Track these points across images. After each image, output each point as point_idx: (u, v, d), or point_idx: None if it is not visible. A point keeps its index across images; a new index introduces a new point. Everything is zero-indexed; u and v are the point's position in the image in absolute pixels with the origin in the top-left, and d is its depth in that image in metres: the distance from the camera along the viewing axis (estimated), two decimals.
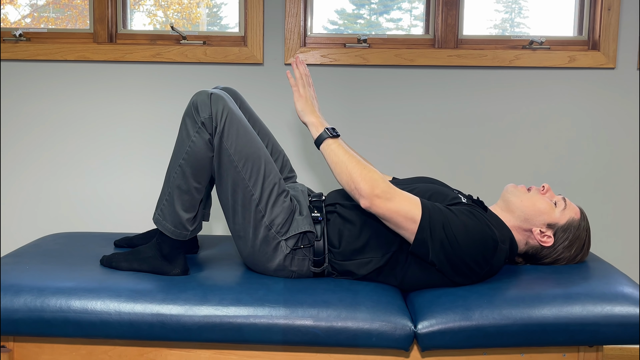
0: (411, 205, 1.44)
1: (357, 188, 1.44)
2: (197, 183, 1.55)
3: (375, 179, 1.44)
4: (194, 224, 1.59)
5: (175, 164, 1.55)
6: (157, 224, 1.58)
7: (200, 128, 1.51)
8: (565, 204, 1.61)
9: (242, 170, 1.54)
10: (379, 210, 1.44)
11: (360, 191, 1.44)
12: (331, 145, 1.51)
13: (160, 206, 1.58)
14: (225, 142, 1.52)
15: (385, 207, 1.43)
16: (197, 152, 1.52)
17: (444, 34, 2.23)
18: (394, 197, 1.43)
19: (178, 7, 2.45)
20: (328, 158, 1.52)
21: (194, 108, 1.53)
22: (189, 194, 1.55)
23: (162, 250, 1.58)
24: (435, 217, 1.44)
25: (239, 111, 1.59)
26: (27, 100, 2.28)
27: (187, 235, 1.58)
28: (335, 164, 1.50)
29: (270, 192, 1.57)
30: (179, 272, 1.57)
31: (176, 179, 1.54)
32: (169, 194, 1.56)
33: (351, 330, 1.36)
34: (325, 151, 1.52)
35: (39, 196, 2.30)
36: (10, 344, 1.48)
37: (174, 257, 1.58)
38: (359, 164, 1.47)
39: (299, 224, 1.58)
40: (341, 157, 1.49)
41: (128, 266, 1.59)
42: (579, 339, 1.37)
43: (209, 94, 1.54)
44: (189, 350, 1.46)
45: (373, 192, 1.43)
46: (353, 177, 1.45)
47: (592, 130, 2.23)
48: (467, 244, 1.44)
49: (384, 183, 1.45)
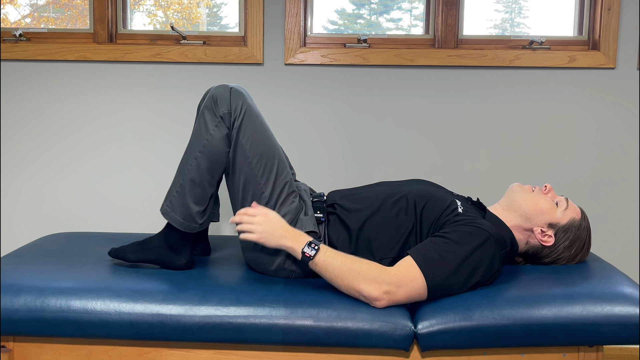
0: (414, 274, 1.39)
1: (365, 296, 1.39)
2: (211, 177, 1.55)
3: (372, 277, 1.38)
4: (203, 217, 1.60)
5: (190, 156, 1.55)
6: (165, 215, 1.58)
7: (220, 122, 1.51)
8: (567, 204, 1.61)
9: (255, 166, 1.55)
10: (399, 300, 1.40)
11: (371, 298, 1.38)
12: (317, 265, 1.43)
13: (170, 197, 1.58)
14: (242, 138, 1.53)
15: (401, 294, 1.39)
16: (215, 145, 1.52)
17: (444, 34, 2.23)
18: (398, 279, 1.39)
19: (178, 7, 2.45)
20: (322, 275, 1.45)
21: (213, 101, 1.53)
22: (202, 187, 1.55)
23: (169, 240, 1.58)
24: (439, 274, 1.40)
25: (256, 107, 1.59)
26: (27, 100, 2.27)
27: (195, 228, 1.59)
28: (330, 280, 1.44)
29: (280, 190, 1.57)
30: (185, 262, 1.58)
31: (190, 172, 1.54)
32: (180, 186, 1.56)
33: (351, 330, 1.36)
34: (315, 269, 1.45)
35: (39, 196, 2.30)
36: (10, 344, 1.48)
37: (181, 248, 1.58)
38: (350, 271, 1.39)
39: (304, 223, 1.58)
40: (330, 273, 1.42)
41: (134, 257, 1.60)
42: (579, 339, 1.37)
43: (229, 88, 1.54)
44: (189, 351, 1.45)
45: (382, 290, 1.38)
46: (355, 288, 1.39)
47: (592, 130, 2.23)
48: (471, 273, 1.43)
49: (380, 273, 1.39)
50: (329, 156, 2.26)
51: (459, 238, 1.44)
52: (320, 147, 2.26)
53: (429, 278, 1.39)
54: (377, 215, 1.59)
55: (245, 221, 1.48)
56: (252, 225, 1.47)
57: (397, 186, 1.68)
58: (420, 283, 1.39)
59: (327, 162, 2.27)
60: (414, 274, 1.39)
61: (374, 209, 1.60)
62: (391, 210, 1.59)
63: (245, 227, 1.47)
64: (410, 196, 1.60)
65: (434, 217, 1.55)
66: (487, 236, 1.46)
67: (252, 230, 1.46)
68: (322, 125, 2.25)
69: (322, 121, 2.25)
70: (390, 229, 1.57)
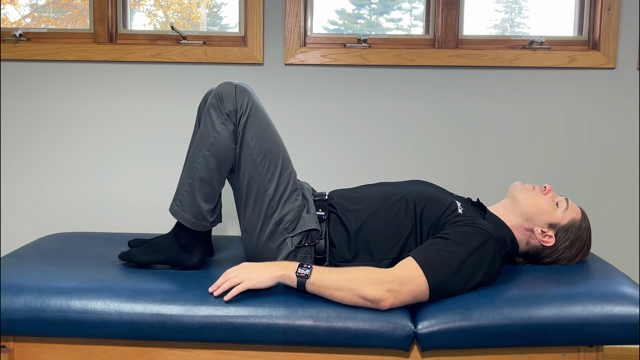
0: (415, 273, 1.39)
1: (370, 299, 1.37)
2: (220, 175, 1.55)
3: (372, 280, 1.37)
4: (214, 215, 1.60)
5: (198, 155, 1.54)
6: (175, 214, 1.57)
7: (227, 119, 1.51)
8: (567, 204, 1.61)
9: (260, 164, 1.55)
10: (403, 299, 1.39)
11: (375, 299, 1.37)
12: (314, 285, 1.40)
13: (179, 197, 1.57)
14: (247, 135, 1.52)
15: (405, 292, 1.38)
16: (222, 143, 1.51)
17: (444, 34, 2.23)
18: (400, 278, 1.38)
19: (178, 7, 2.45)
20: (321, 293, 1.41)
21: (218, 99, 1.52)
22: (211, 186, 1.55)
23: (180, 240, 1.58)
24: (440, 274, 1.40)
25: (261, 105, 1.59)
26: (27, 100, 2.27)
27: (206, 227, 1.58)
28: (331, 296, 1.40)
29: (284, 188, 1.57)
30: (197, 261, 1.58)
31: (199, 170, 1.53)
32: (189, 185, 1.55)
33: (351, 330, 1.36)
34: (313, 290, 1.41)
35: (39, 196, 2.30)
36: (10, 344, 1.48)
37: (192, 247, 1.58)
38: (349, 280, 1.38)
39: (306, 221, 1.59)
40: (330, 288, 1.39)
41: (145, 259, 1.59)
42: (579, 339, 1.37)
43: (234, 85, 1.53)
44: (189, 351, 1.45)
45: (385, 289, 1.37)
46: (358, 295, 1.37)
47: (592, 131, 2.23)
48: (472, 273, 1.43)
49: (380, 274, 1.38)
50: (328, 156, 2.26)
51: (459, 238, 1.44)
52: (320, 147, 2.26)
53: (430, 278, 1.38)
54: (376, 215, 1.59)
55: (228, 278, 1.42)
56: (236, 277, 1.41)
57: (396, 187, 1.68)
58: (422, 282, 1.38)
59: (326, 162, 2.27)
60: (415, 273, 1.39)
61: (373, 210, 1.60)
62: (391, 211, 1.59)
63: (232, 282, 1.41)
64: (410, 197, 1.60)
65: (434, 219, 1.55)
66: (487, 236, 1.46)
67: (238, 282, 1.41)
68: (322, 125, 2.25)
69: (322, 121, 2.25)
70: (390, 230, 1.57)
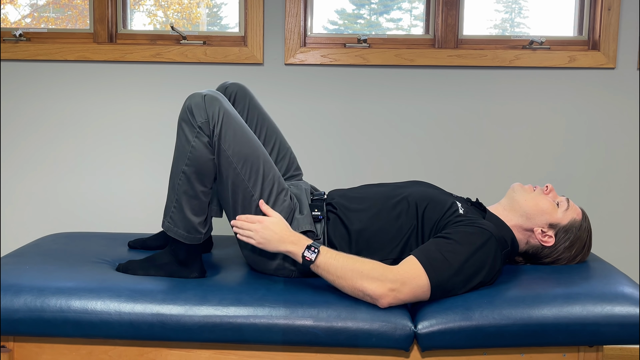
0: (417, 272, 1.39)
1: (370, 295, 1.38)
2: (204, 186, 1.54)
3: (376, 275, 1.38)
4: (206, 226, 1.59)
5: (178, 170, 1.53)
6: (168, 231, 1.56)
7: (199, 132, 1.49)
8: (568, 204, 1.61)
9: (241, 171, 1.54)
10: (404, 298, 1.39)
11: (375, 296, 1.38)
12: (318, 268, 1.43)
13: (169, 213, 1.56)
14: (223, 144, 1.51)
15: (406, 292, 1.38)
16: (199, 156, 1.50)
17: (444, 34, 2.23)
18: (402, 277, 1.38)
19: (178, 7, 2.45)
20: (324, 277, 1.45)
21: (189, 112, 1.50)
22: (197, 199, 1.54)
23: (178, 255, 1.57)
24: (442, 273, 1.40)
25: (234, 111, 1.57)
26: (27, 100, 2.27)
27: (200, 239, 1.57)
28: (333, 282, 1.43)
29: (270, 191, 1.57)
30: (197, 275, 1.57)
31: (182, 185, 1.52)
32: (176, 201, 1.54)
33: (351, 330, 1.36)
34: (317, 272, 1.45)
35: (39, 196, 2.30)
36: (10, 344, 1.48)
37: (191, 261, 1.57)
38: (353, 271, 1.39)
39: (299, 222, 1.58)
40: (333, 275, 1.42)
41: (144, 273, 1.58)
42: (579, 339, 1.37)
43: (202, 95, 1.51)
44: (189, 350, 1.45)
45: (387, 287, 1.37)
46: (359, 288, 1.39)
47: (592, 131, 2.23)
48: (474, 272, 1.43)
49: (384, 271, 1.39)
50: (328, 156, 2.26)
51: (461, 238, 1.44)
52: (320, 147, 2.26)
53: (432, 277, 1.38)
54: (377, 216, 1.59)
55: (245, 227, 1.51)
56: (250, 231, 1.50)
57: (397, 187, 1.68)
58: (424, 281, 1.38)
59: (326, 162, 2.27)
60: (417, 272, 1.39)
61: (374, 210, 1.60)
62: (392, 212, 1.59)
63: (243, 233, 1.51)
64: (411, 198, 1.60)
65: (436, 219, 1.55)
66: (488, 236, 1.46)
67: (249, 236, 1.50)
68: (322, 125, 2.25)
69: (322, 121, 2.25)
70: (391, 230, 1.57)
